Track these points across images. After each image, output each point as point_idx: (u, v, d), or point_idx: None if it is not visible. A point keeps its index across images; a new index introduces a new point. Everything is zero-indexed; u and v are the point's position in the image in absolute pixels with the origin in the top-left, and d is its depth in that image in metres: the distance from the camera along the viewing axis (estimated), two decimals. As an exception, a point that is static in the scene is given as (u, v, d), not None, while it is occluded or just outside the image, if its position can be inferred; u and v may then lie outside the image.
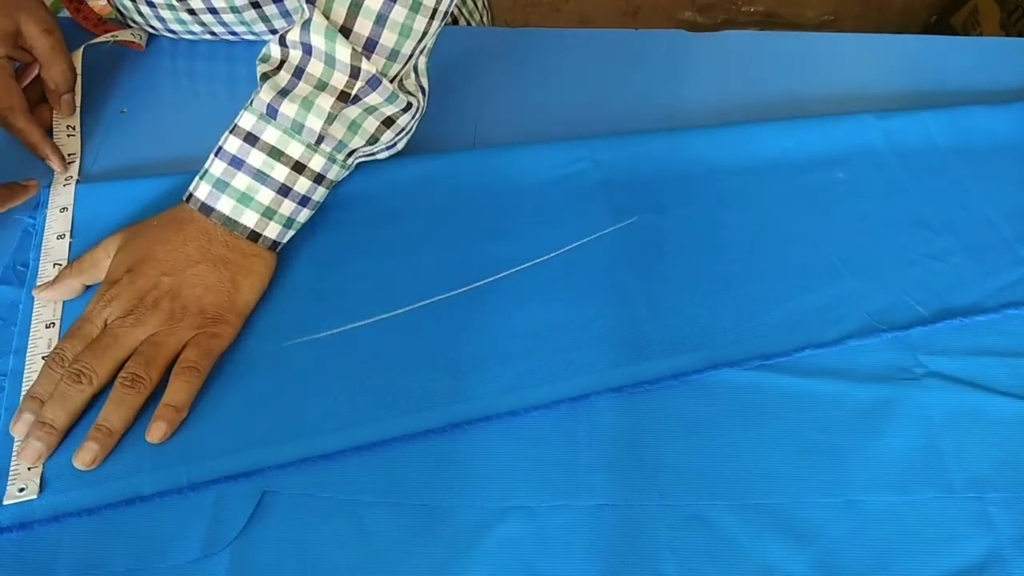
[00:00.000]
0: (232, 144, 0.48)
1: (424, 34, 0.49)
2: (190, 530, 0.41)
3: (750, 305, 0.50)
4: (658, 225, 0.53)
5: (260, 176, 0.48)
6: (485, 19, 0.78)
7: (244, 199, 0.48)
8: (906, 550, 0.41)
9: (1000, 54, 0.66)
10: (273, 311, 0.49)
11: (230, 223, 0.48)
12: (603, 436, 0.45)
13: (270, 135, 0.48)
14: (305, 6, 0.47)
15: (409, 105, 0.51)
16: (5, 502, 0.41)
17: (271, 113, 0.48)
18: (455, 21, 0.73)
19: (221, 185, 0.48)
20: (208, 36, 0.64)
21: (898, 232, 0.53)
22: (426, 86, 0.53)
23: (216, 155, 0.48)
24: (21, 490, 0.42)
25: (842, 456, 0.44)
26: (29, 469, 0.42)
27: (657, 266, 0.51)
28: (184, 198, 0.49)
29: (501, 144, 0.58)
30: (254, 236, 0.49)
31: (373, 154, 0.53)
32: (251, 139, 0.48)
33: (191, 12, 0.61)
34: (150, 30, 0.65)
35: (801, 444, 0.44)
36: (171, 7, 0.60)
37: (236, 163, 0.48)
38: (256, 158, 0.48)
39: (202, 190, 0.48)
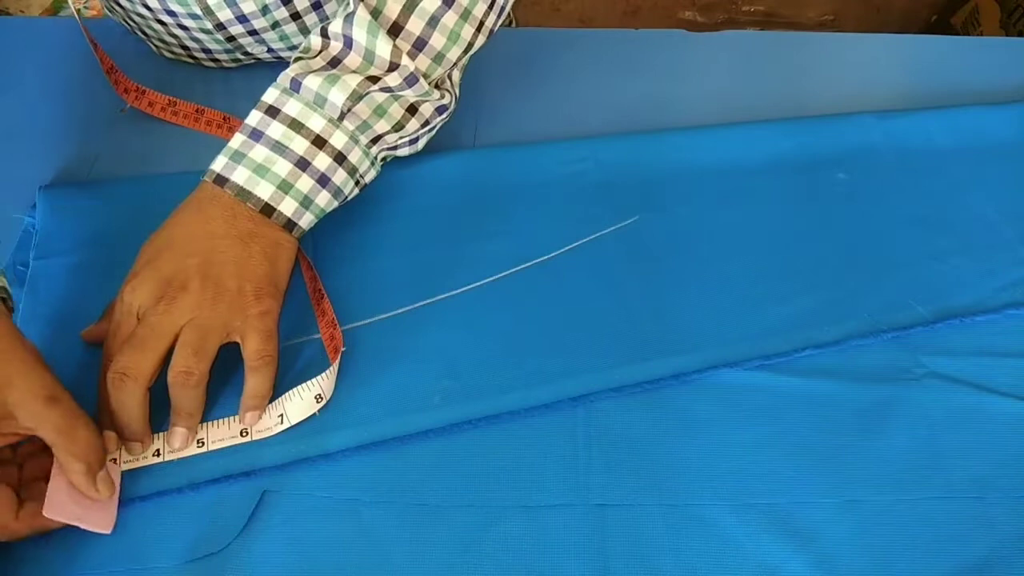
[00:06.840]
0: (253, 118, 0.47)
1: (470, 46, 0.50)
2: (190, 530, 0.41)
3: (750, 305, 0.50)
4: (658, 225, 0.53)
5: (278, 148, 0.46)
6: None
7: (260, 170, 0.46)
8: (906, 550, 0.41)
9: (1000, 54, 0.66)
10: (273, 311, 0.49)
11: (243, 194, 0.46)
12: (603, 436, 0.45)
13: (291, 107, 0.47)
14: None
15: (438, 97, 0.51)
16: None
17: (294, 86, 0.47)
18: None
19: (238, 157, 0.46)
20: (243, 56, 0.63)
21: (898, 232, 0.53)
22: (458, 93, 0.53)
23: (239, 131, 0.47)
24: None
25: (842, 456, 0.44)
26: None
27: (657, 266, 0.51)
28: (203, 177, 0.47)
29: (501, 144, 0.58)
30: (268, 210, 0.46)
31: (395, 148, 0.52)
32: (272, 112, 0.47)
33: (220, 27, 0.58)
34: (173, 44, 0.63)
35: (801, 444, 0.44)
36: (194, 16, 0.57)
37: (255, 135, 0.46)
38: (275, 130, 0.46)
39: (219, 162, 0.47)
